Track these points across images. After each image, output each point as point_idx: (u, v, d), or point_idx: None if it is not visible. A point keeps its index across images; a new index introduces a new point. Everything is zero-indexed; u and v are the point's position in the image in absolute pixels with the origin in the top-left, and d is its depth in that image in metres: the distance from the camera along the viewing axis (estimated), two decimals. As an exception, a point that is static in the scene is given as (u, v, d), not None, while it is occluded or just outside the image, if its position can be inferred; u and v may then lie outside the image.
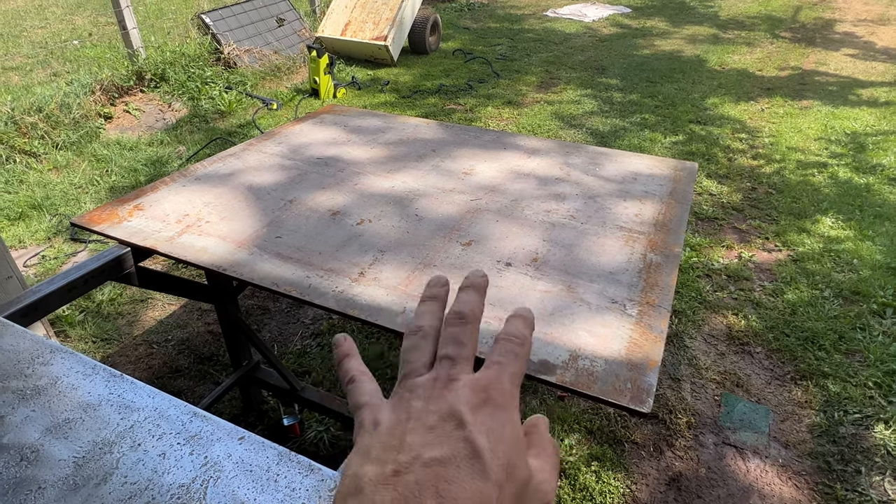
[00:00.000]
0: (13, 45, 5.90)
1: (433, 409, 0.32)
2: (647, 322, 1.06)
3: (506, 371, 0.33)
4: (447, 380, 0.33)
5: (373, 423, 0.33)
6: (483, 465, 0.29)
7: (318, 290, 1.13)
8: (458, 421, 0.31)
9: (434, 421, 0.31)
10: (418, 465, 0.29)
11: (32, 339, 0.98)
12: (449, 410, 0.31)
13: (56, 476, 0.75)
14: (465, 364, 0.34)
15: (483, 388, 0.32)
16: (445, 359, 0.34)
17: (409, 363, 0.36)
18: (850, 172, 3.71)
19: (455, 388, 0.32)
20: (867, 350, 2.26)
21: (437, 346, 0.36)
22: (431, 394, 0.33)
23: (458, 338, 0.35)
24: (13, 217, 3.07)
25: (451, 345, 0.35)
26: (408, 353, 0.36)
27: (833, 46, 6.67)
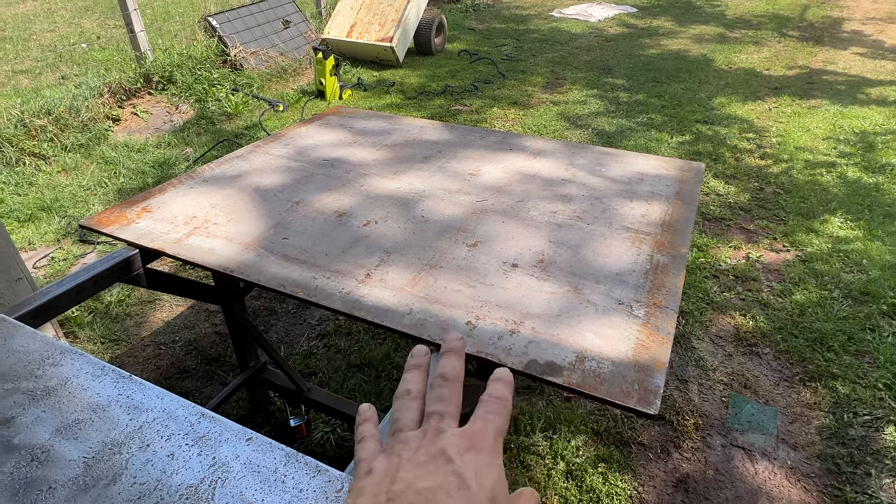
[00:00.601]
0: (23, 49, 5.96)
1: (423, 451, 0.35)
2: (655, 323, 1.05)
3: (490, 425, 0.37)
4: (436, 431, 0.36)
5: (366, 471, 0.36)
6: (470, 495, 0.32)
7: (324, 291, 1.13)
8: (446, 458, 0.34)
9: (424, 459, 0.34)
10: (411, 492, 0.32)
11: (42, 340, 0.99)
12: (439, 450, 0.35)
13: (66, 476, 0.75)
14: (451, 419, 0.38)
15: (469, 436, 0.36)
16: (434, 414, 0.38)
17: (400, 420, 0.39)
18: (859, 172, 3.68)
19: (443, 437, 0.36)
20: (877, 351, 2.24)
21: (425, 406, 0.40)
22: (422, 443, 0.36)
23: (444, 396, 0.39)
24: (23, 219, 3.10)
25: (438, 403, 0.39)
26: (398, 412, 0.40)
27: (841, 45, 6.63)
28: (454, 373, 0.41)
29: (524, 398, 2.05)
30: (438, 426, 0.37)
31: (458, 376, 0.41)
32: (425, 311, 1.08)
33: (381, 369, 2.17)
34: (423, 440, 0.36)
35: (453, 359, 0.43)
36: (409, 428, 0.38)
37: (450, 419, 0.38)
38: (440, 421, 0.37)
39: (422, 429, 0.37)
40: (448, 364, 0.42)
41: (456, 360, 0.43)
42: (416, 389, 0.42)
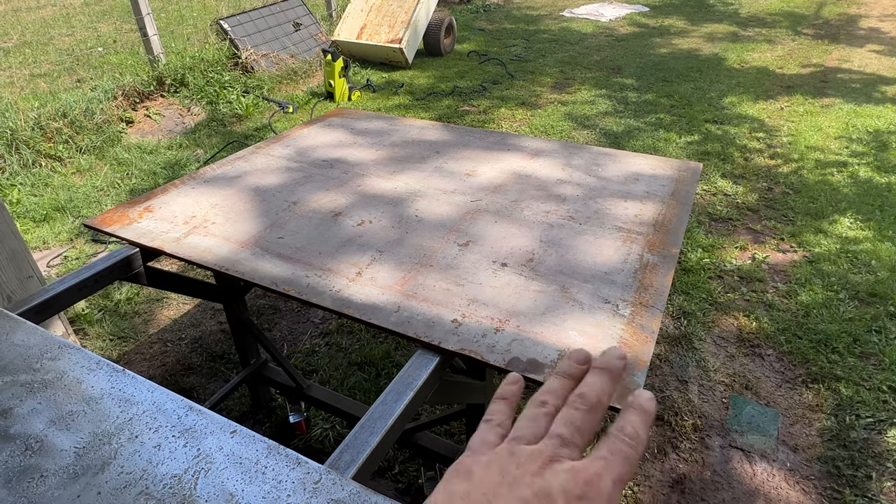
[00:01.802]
0: (41, 53, 6.10)
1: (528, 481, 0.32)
2: (639, 322, 1.06)
3: (612, 471, 0.32)
4: (551, 458, 0.33)
5: (467, 470, 0.34)
6: None
7: (315, 289, 1.16)
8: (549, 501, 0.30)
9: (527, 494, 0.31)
10: None
11: (43, 335, 1.03)
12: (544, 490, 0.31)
13: (58, 465, 0.78)
14: (573, 449, 0.34)
15: (585, 481, 0.31)
16: (557, 437, 0.34)
17: (521, 429, 0.36)
18: (871, 172, 3.62)
19: (556, 468, 0.32)
20: (882, 353, 2.21)
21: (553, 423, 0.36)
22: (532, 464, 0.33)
23: (576, 422, 0.35)
24: (38, 219, 3.18)
25: (566, 426, 0.35)
26: (524, 420, 0.37)
27: (857, 43, 6.52)
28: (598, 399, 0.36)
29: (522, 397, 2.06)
30: (556, 453, 0.33)
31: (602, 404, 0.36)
32: (412, 309, 1.10)
33: (382, 367, 2.19)
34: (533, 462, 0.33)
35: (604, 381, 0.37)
36: (527, 440, 0.35)
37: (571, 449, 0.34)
38: (559, 447, 0.34)
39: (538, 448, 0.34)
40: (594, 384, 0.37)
41: (606, 381, 0.37)
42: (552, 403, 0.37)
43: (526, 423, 0.36)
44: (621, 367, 0.38)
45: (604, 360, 0.39)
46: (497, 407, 0.39)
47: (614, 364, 0.38)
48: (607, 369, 0.38)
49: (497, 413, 0.38)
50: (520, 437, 0.35)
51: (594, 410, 0.36)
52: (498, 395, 0.40)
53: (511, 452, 0.34)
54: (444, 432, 1.93)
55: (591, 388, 0.37)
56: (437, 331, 1.04)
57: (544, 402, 0.37)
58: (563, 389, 0.38)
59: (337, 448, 0.85)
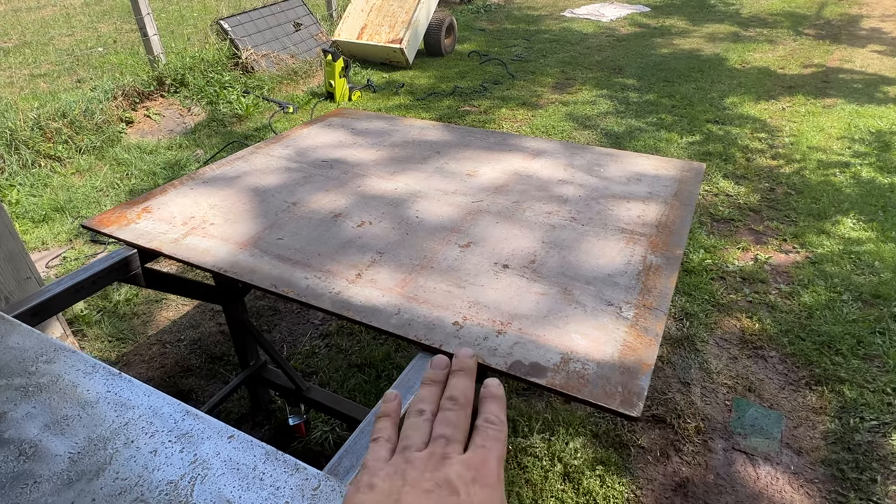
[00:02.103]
0: (41, 53, 6.09)
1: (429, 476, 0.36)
2: (643, 325, 1.05)
3: (492, 454, 0.38)
4: (441, 456, 0.37)
5: (368, 485, 0.37)
6: None
7: (314, 291, 1.14)
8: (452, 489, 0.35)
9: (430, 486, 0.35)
10: None
11: (39, 338, 1.01)
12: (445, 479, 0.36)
13: (52, 471, 0.77)
14: (457, 445, 0.39)
15: (474, 467, 0.37)
16: (441, 438, 0.39)
17: (409, 438, 0.40)
18: (873, 172, 3.61)
19: (449, 463, 0.37)
20: (886, 355, 2.19)
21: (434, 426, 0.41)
22: (427, 465, 0.37)
23: (451, 420, 0.40)
24: (37, 220, 3.17)
25: (445, 426, 0.40)
26: (409, 429, 0.41)
27: (859, 43, 6.50)
28: (464, 397, 0.42)
29: (523, 399, 2.05)
30: (444, 451, 0.38)
31: (468, 400, 0.42)
32: (413, 311, 1.08)
33: (382, 369, 2.18)
34: (428, 463, 0.37)
35: (464, 380, 0.43)
36: (416, 448, 0.39)
37: (456, 445, 0.39)
38: (446, 446, 0.38)
39: (428, 450, 0.38)
40: (458, 386, 0.43)
41: (467, 380, 0.43)
42: (430, 410, 0.42)
43: (411, 433, 0.40)
44: (474, 364, 0.45)
45: (458, 362, 0.45)
46: (381, 425, 0.43)
47: (468, 364, 0.45)
48: (463, 370, 0.44)
49: (383, 430, 0.42)
50: (409, 445, 0.39)
51: (464, 407, 0.41)
52: (381, 414, 0.44)
53: (406, 460, 0.38)
54: (445, 435, 1.91)
55: (457, 388, 0.43)
56: (438, 333, 1.02)
57: (422, 410, 0.42)
58: (434, 395, 0.43)
59: (336, 453, 0.83)
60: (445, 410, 0.41)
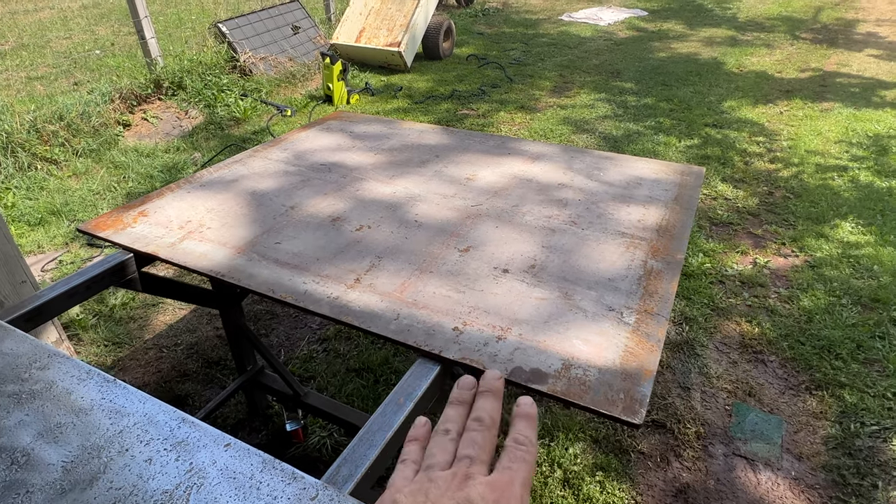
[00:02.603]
0: (39, 56, 6.07)
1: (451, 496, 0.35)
2: (644, 330, 1.04)
3: (517, 477, 0.37)
4: (465, 476, 0.37)
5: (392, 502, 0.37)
6: None
7: (312, 296, 1.13)
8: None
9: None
10: None
11: (32, 343, 1.00)
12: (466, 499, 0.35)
13: (44, 480, 0.76)
14: (481, 465, 0.38)
15: (498, 488, 0.36)
16: (465, 458, 0.39)
17: (433, 457, 0.40)
18: (871, 176, 3.61)
19: (472, 484, 0.36)
20: (886, 359, 2.19)
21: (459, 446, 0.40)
22: (450, 485, 0.36)
23: (476, 441, 0.40)
24: (33, 223, 3.15)
25: (471, 447, 0.40)
26: (434, 448, 0.41)
27: (856, 47, 6.53)
28: (490, 418, 0.42)
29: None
30: (468, 472, 0.37)
31: (494, 421, 0.42)
32: (412, 316, 1.07)
33: (380, 374, 2.16)
34: (451, 483, 0.37)
35: (491, 401, 0.43)
36: (440, 467, 0.39)
37: (480, 465, 0.38)
38: (470, 466, 0.38)
39: (452, 470, 0.38)
40: (485, 407, 0.43)
41: (493, 402, 0.43)
42: (455, 430, 0.42)
43: (436, 451, 0.40)
44: (501, 385, 0.45)
45: (485, 383, 0.45)
46: (409, 448, 0.43)
47: (495, 385, 0.44)
48: (490, 391, 0.44)
49: (410, 453, 0.42)
50: (433, 464, 0.39)
51: (490, 428, 0.41)
52: (410, 438, 0.44)
53: (429, 479, 0.37)
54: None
55: (483, 410, 0.42)
56: (437, 339, 1.01)
57: (447, 430, 0.42)
58: (460, 416, 0.43)
59: (335, 462, 0.82)
60: (471, 431, 0.41)
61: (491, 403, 0.43)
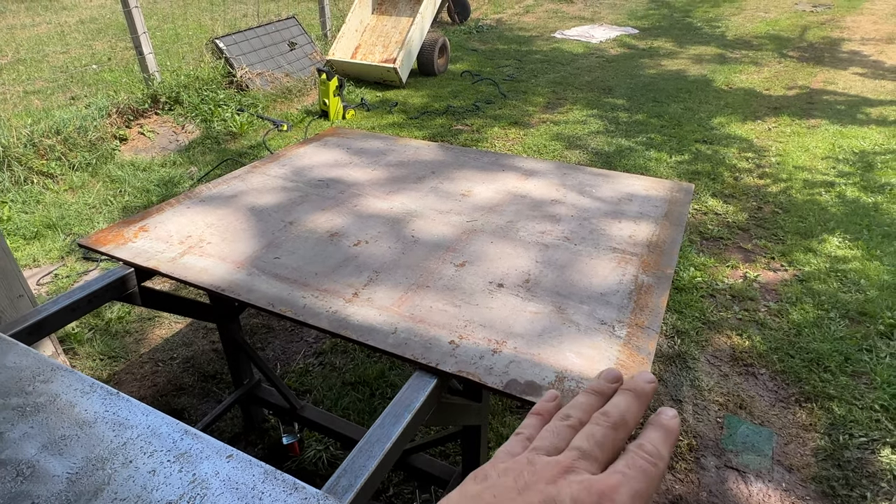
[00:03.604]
0: (35, 70, 6.10)
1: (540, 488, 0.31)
2: (636, 344, 1.07)
3: (628, 485, 0.31)
4: (567, 468, 0.32)
5: (484, 475, 0.34)
6: None
7: (312, 310, 1.15)
8: None
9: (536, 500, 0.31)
10: None
11: (35, 357, 1.01)
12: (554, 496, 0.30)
13: (49, 491, 0.77)
14: (592, 462, 0.33)
15: (598, 492, 0.30)
16: (575, 449, 0.34)
17: (543, 440, 0.36)
18: (857, 191, 3.69)
19: (570, 479, 0.31)
20: (874, 372, 2.23)
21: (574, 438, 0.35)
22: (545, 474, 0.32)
23: (595, 435, 0.35)
24: (29, 236, 3.15)
25: (586, 440, 0.34)
26: (547, 431, 0.36)
27: (841, 65, 6.68)
28: (620, 416, 0.36)
29: (517, 417, 2.05)
30: (573, 465, 0.32)
31: (625, 423, 0.35)
32: (410, 330, 1.10)
33: (376, 387, 2.18)
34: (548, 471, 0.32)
35: (629, 400, 0.37)
36: (546, 451, 0.34)
37: (590, 462, 0.33)
38: (577, 459, 0.33)
39: (556, 458, 0.33)
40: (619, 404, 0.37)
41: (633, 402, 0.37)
42: (577, 418, 0.37)
43: (547, 435, 0.36)
44: (649, 390, 0.38)
45: (632, 382, 0.38)
46: (530, 421, 0.39)
47: (642, 387, 0.38)
48: (634, 391, 0.38)
49: (528, 427, 0.39)
50: (540, 447, 0.35)
51: (617, 428, 0.35)
52: (533, 411, 0.40)
53: (529, 461, 0.34)
54: (439, 454, 1.91)
55: (616, 406, 0.37)
56: (434, 352, 1.04)
57: (568, 415, 0.37)
58: (590, 405, 0.38)
59: (334, 472, 0.84)
60: (593, 424, 0.35)
61: (628, 402, 0.37)
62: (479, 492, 0.32)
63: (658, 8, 10.19)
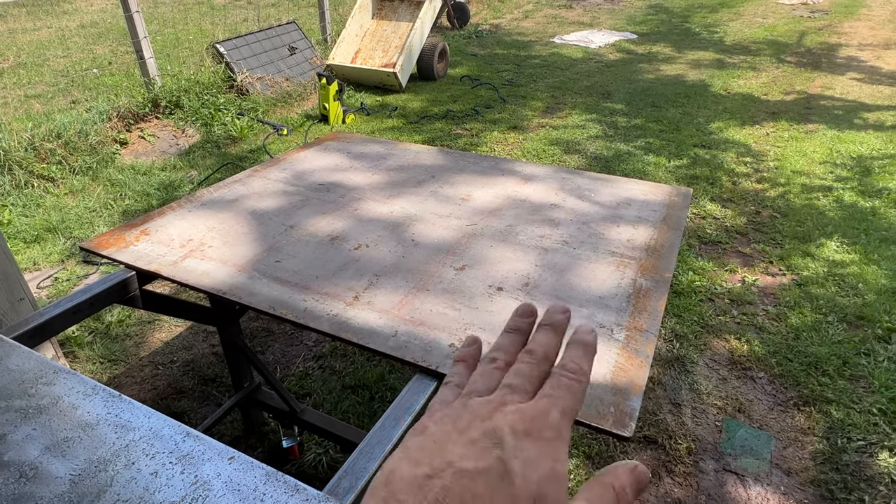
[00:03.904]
0: (36, 74, 6.12)
1: (478, 425, 0.33)
2: (634, 347, 1.08)
3: (556, 405, 0.33)
4: (500, 403, 0.34)
5: (422, 427, 0.35)
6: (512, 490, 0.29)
7: (313, 313, 1.16)
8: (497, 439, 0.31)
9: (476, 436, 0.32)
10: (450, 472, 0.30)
11: (38, 359, 1.02)
12: (492, 428, 0.32)
13: (52, 493, 0.78)
14: (522, 394, 0.35)
15: (530, 417, 0.32)
16: (506, 387, 0.35)
17: (474, 384, 0.37)
18: (855, 196, 3.71)
19: (505, 410, 0.33)
20: (872, 376, 2.23)
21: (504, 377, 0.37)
22: (481, 412, 0.33)
23: (524, 372, 0.36)
24: (29, 240, 3.16)
25: (515, 376, 0.36)
26: (477, 375, 0.38)
27: (839, 71, 6.71)
28: (543, 352, 0.37)
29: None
30: (504, 398, 0.34)
31: (548, 357, 0.37)
32: (410, 333, 1.10)
33: (376, 391, 2.18)
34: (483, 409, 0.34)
35: (549, 335, 0.38)
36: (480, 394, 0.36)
37: (520, 394, 0.34)
38: (508, 394, 0.34)
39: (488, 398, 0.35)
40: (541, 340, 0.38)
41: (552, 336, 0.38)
42: (503, 360, 0.38)
43: (478, 378, 0.37)
44: (564, 320, 0.39)
45: (548, 316, 0.40)
46: (456, 369, 0.40)
47: (557, 319, 0.39)
48: (551, 325, 0.39)
49: (457, 375, 0.40)
50: (472, 391, 0.36)
51: (541, 363, 0.37)
52: (457, 357, 0.41)
53: (464, 405, 0.35)
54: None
55: (539, 343, 0.38)
56: (434, 355, 1.04)
57: (494, 358, 0.39)
58: (513, 345, 0.39)
59: (335, 474, 0.85)
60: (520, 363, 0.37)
61: (548, 337, 0.38)
62: (420, 443, 0.33)
63: (657, 13, 10.24)
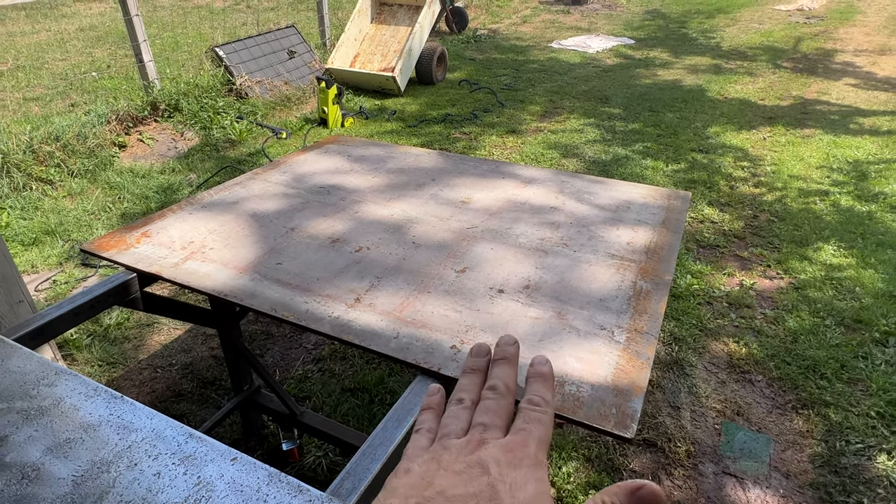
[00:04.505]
0: (35, 77, 6.12)
1: (462, 459, 0.35)
2: (635, 349, 1.08)
3: (532, 436, 0.36)
4: (478, 442, 0.37)
5: (405, 470, 0.37)
6: None
7: (314, 315, 1.16)
8: (483, 468, 0.34)
9: (462, 468, 0.35)
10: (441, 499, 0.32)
11: (39, 361, 1.02)
12: (477, 460, 0.35)
13: (55, 494, 0.77)
14: (495, 431, 0.38)
15: (510, 449, 0.35)
16: (479, 425, 0.38)
17: (448, 427, 0.39)
18: (852, 200, 3.73)
19: (484, 447, 0.36)
20: (869, 379, 2.24)
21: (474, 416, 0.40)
22: (463, 451, 0.36)
23: (492, 408, 0.39)
24: (27, 243, 3.15)
25: (485, 414, 0.39)
26: (448, 418, 0.40)
27: (834, 76, 6.75)
28: (504, 386, 0.41)
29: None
30: (482, 437, 0.37)
31: (510, 389, 0.41)
32: (412, 335, 1.11)
33: (375, 394, 2.18)
34: (464, 449, 0.36)
35: (505, 368, 0.42)
36: (455, 435, 0.38)
37: (494, 430, 0.38)
38: (484, 432, 0.37)
39: (466, 438, 0.37)
40: (499, 375, 0.42)
41: (508, 369, 0.42)
42: (469, 399, 0.41)
43: (450, 421, 0.40)
44: (515, 351, 0.43)
45: (500, 350, 0.43)
46: (424, 416, 0.43)
47: (509, 351, 0.43)
48: (505, 358, 0.43)
49: (424, 422, 0.42)
50: (447, 433, 0.39)
51: (505, 396, 0.40)
52: (424, 406, 0.44)
53: (444, 447, 0.37)
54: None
55: (498, 378, 0.41)
56: (436, 357, 1.05)
57: (461, 399, 0.41)
58: (474, 384, 0.42)
59: (338, 475, 0.85)
60: (486, 400, 0.40)
61: (505, 371, 0.42)
62: (407, 481, 0.35)
63: (654, 19, 10.30)
